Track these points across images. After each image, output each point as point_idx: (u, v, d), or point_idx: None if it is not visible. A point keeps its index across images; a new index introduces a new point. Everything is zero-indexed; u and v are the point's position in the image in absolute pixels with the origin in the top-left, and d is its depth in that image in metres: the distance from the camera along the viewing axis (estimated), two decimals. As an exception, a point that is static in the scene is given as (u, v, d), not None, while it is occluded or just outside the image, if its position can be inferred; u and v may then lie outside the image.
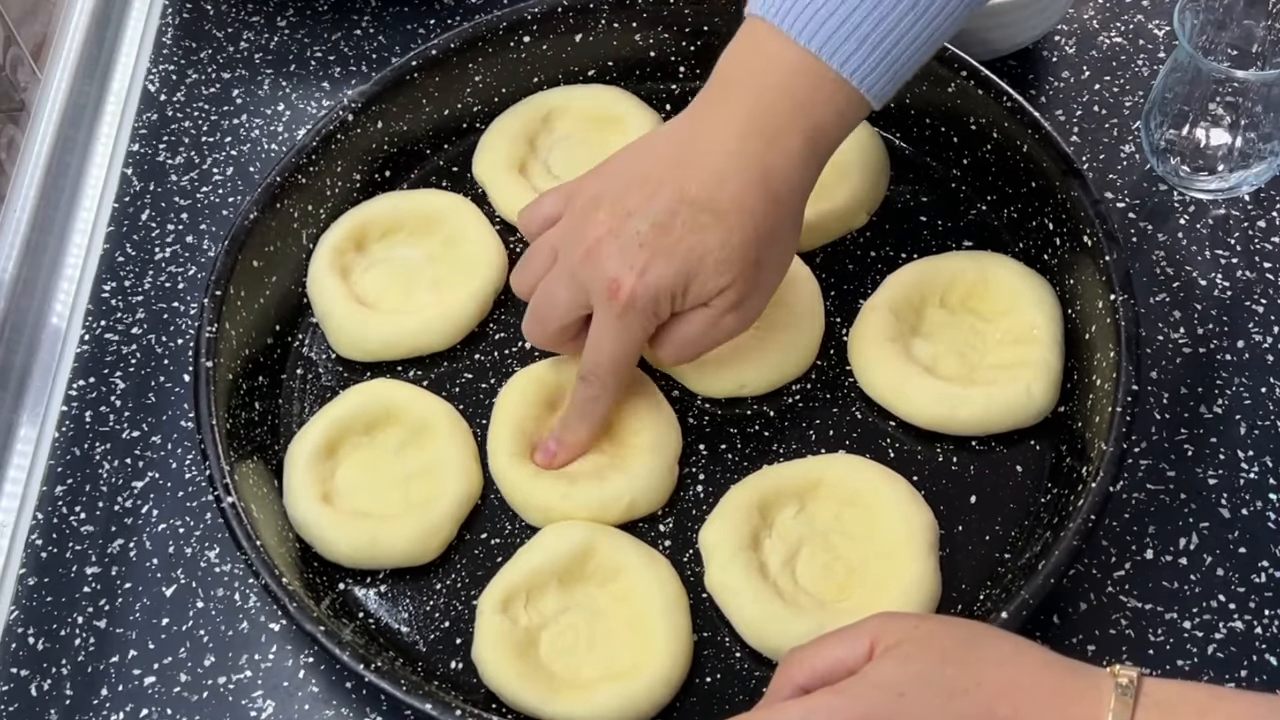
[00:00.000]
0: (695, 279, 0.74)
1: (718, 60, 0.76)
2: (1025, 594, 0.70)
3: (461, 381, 0.85)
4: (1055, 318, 0.82)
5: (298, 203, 0.88)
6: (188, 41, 1.04)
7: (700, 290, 0.74)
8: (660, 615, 0.74)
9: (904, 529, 0.76)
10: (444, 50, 0.92)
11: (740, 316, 0.76)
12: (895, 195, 0.90)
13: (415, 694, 0.70)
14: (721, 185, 0.73)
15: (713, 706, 0.74)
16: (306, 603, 0.73)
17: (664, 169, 0.74)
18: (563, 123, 0.94)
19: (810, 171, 0.75)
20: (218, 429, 0.78)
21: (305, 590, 0.75)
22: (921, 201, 0.90)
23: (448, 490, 0.79)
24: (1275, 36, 0.89)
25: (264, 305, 0.86)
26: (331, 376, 0.86)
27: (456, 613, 0.78)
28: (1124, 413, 0.74)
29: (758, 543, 0.77)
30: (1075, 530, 0.71)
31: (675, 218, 0.73)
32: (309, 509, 0.79)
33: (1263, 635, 0.76)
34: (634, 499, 0.79)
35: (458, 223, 0.89)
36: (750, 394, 0.83)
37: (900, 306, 0.84)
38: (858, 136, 0.90)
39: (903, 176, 0.91)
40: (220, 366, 0.81)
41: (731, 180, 0.73)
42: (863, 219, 0.89)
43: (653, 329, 0.76)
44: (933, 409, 0.80)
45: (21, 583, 0.82)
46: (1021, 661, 0.60)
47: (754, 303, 0.76)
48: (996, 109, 0.86)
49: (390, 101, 0.91)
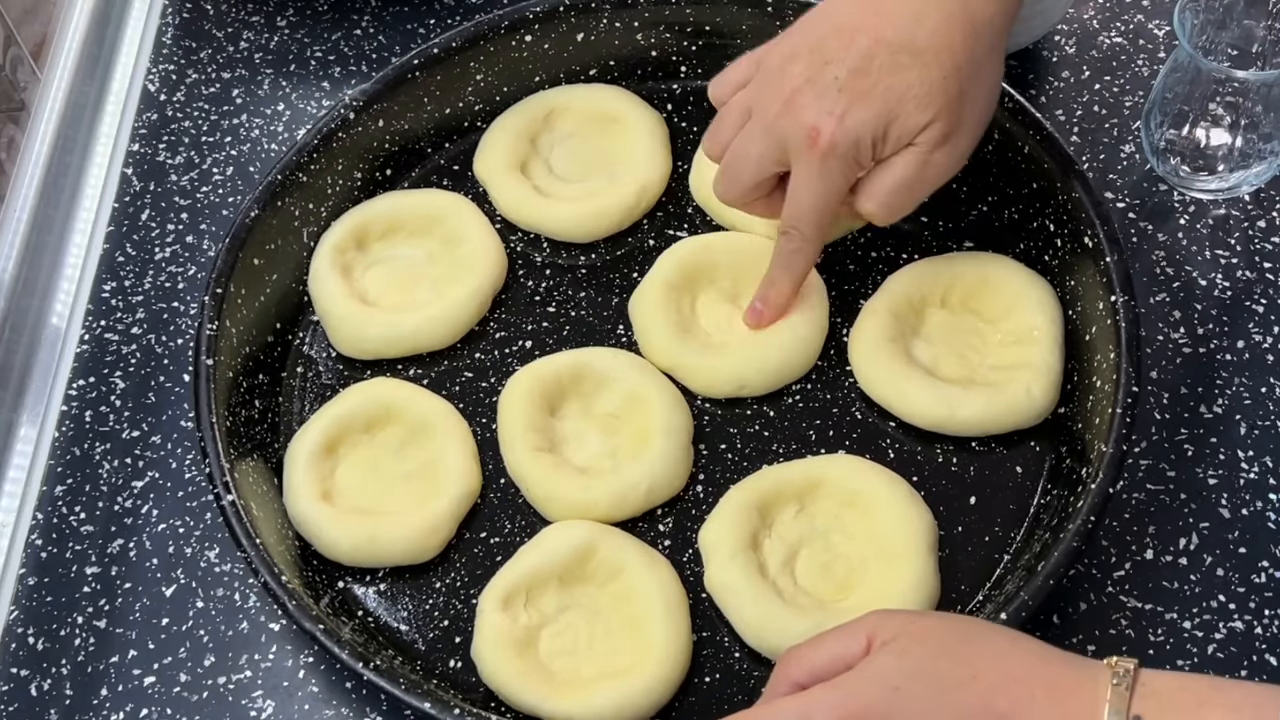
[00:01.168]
0: (896, 119, 0.73)
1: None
2: (1025, 595, 0.70)
3: (461, 380, 0.85)
4: (1056, 319, 0.82)
5: (299, 201, 0.88)
6: (188, 41, 1.04)
7: (903, 130, 0.73)
8: (660, 615, 0.74)
9: (904, 530, 0.76)
10: (445, 49, 0.92)
11: (949, 153, 0.75)
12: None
13: (414, 692, 0.70)
14: (919, 23, 0.72)
15: (712, 706, 0.74)
16: (306, 601, 0.73)
17: (859, 16, 0.74)
18: (564, 122, 0.94)
19: (1009, 4, 0.74)
20: (218, 427, 0.78)
21: (305, 589, 0.75)
22: (922, 202, 0.90)
23: (447, 489, 0.79)
24: (1275, 36, 0.89)
25: (264, 303, 0.86)
26: (332, 375, 0.86)
27: (456, 611, 0.78)
28: (1124, 414, 0.74)
29: (757, 543, 0.77)
30: (1075, 531, 0.72)
31: (873, 60, 0.72)
32: (309, 507, 0.79)
33: (1263, 635, 0.76)
34: (653, 484, 0.79)
35: (458, 222, 0.89)
36: (750, 395, 0.83)
37: (900, 307, 0.84)
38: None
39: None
40: (220, 364, 0.81)
41: (929, 17, 0.72)
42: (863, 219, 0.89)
43: (854, 177, 0.75)
44: (933, 410, 0.80)
45: (21, 583, 0.82)
46: (1018, 654, 0.60)
47: (962, 139, 0.75)
48: (998, 110, 0.86)
49: (391, 100, 0.91)
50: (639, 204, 0.90)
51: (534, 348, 0.86)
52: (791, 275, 0.81)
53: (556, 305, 0.88)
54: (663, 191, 0.91)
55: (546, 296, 0.88)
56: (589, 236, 0.90)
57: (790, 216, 0.77)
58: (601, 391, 0.83)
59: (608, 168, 0.92)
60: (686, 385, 0.83)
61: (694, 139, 0.93)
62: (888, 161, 0.75)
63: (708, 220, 0.91)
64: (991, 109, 0.77)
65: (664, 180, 0.91)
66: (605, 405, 0.83)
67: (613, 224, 0.90)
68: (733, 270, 0.86)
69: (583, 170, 0.93)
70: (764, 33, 0.91)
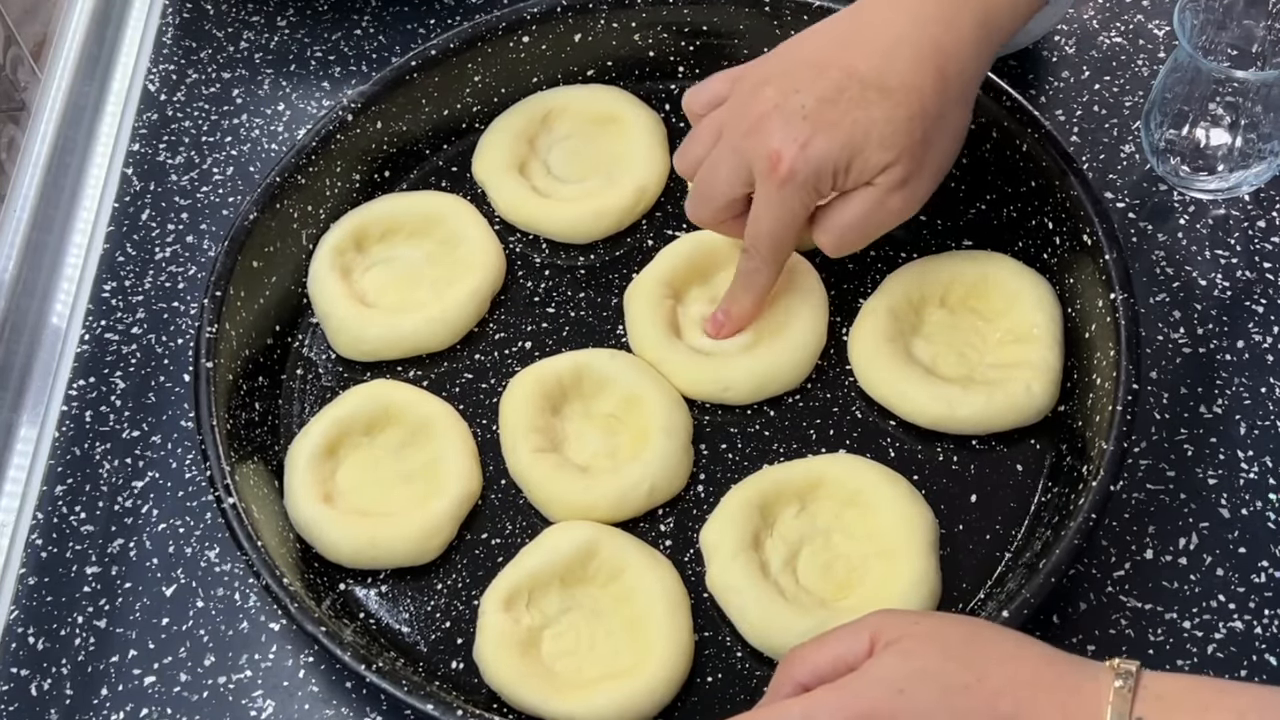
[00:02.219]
0: (859, 154, 0.73)
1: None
2: (1027, 593, 0.70)
3: (461, 382, 0.85)
4: (1055, 317, 0.82)
5: (297, 203, 0.88)
6: (188, 41, 1.04)
7: (864, 166, 0.74)
8: (661, 616, 0.74)
9: (904, 528, 0.76)
10: (443, 50, 0.92)
11: (905, 198, 0.75)
12: (895, 195, 0.90)
13: (417, 694, 0.70)
14: (890, 63, 0.73)
15: (714, 706, 0.74)
16: (308, 603, 0.73)
17: (834, 49, 0.74)
18: (562, 123, 0.94)
19: (981, 58, 0.75)
20: (218, 430, 0.78)
21: (306, 591, 0.75)
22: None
23: (448, 490, 0.79)
24: (1275, 36, 0.89)
25: (264, 306, 0.86)
26: (331, 377, 0.86)
27: (458, 613, 0.78)
28: (1124, 411, 0.74)
29: (759, 542, 0.77)
30: (1076, 529, 0.72)
31: (842, 93, 0.73)
32: (310, 509, 0.79)
33: (1263, 635, 0.76)
34: (654, 484, 0.79)
35: (457, 223, 0.89)
36: (734, 401, 0.83)
37: (900, 306, 0.84)
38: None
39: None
40: (220, 367, 0.81)
41: (901, 58, 0.73)
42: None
43: (813, 204, 0.76)
44: (933, 408, 0.80)
45: (21, 583, 0.82)
46: (1023, 656, 0.60)
47: (920, 185, 0.76)
48: (996, 108, 0.86)
49: (390, 101, 0.91)
50: (637, 204, 0.90)
51: (533, 349, 0.86)
52: (752, 293, 0.81)
53: (556, 306, 0.88)
54: (661, 192, 0.91)
55: (546, 297, 0.88)
56: (588, 237, 0.90)
57: (750, 236, 0.78)
58: (602, 392, 0.83)
59: (606, 168, 0.92)
60: (671, 383, 0.83)
61: (693, 139, 0.93)
62: (845, 196, 0.76)
63: (707, 220, 0.91)
64: (952, 160, 0.78)
65: (662, 181, 0.91)
66: (605, 406, 0.83)
67: (611, 224, 0.90)
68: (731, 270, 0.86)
69: (581, 171, 0.93)
70: (761, 33, 0.92)
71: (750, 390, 0.82)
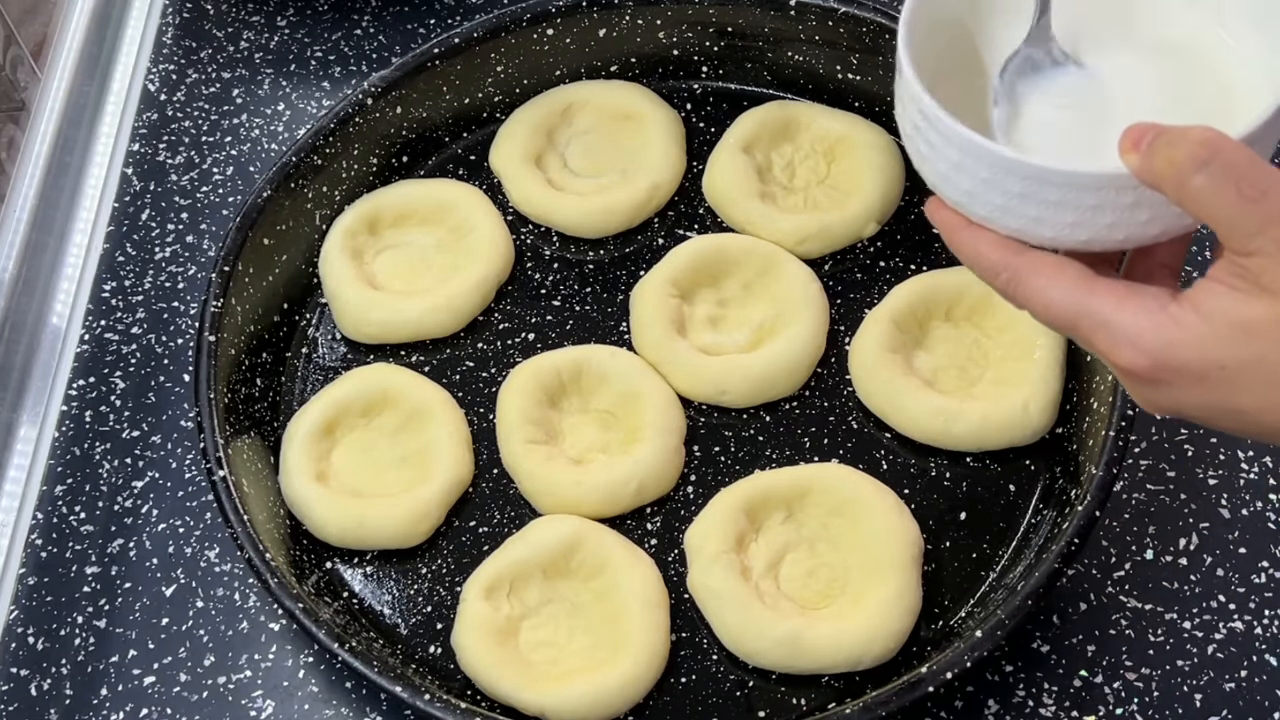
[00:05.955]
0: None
1: None
2: (1002, 614, 0.70)
3: (462, 369, 0.86)
4: (1059, 338, 0.81)
5: (313, 184, 0.89)
6: (188, 41, 1.04)
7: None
8: (639, 613, 0.74)
9: (888, 541, 0.75)
10: (467, 39, 0.92)
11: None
12: (908, 206, 0.90)
13: (387, 676, 0.70)
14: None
15: (685, 708, 0.74)
16: (288, 579, 0.74)
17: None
18: (582, 117, 0.94)
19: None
20: (215, 403, 0.79)
21: (290, 567, 0.75)
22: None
23: (438, 475, 0.80)
24: None
25: (273, 283, 0.87)
26: (335, 358, 0.87)
27: (440, 598, 0.78)
28: (1116, 437, 0.74)
29: (743, 546, 0.77)
30: (1057, 553, 0.71)
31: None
32: (303, 486, 0.79)
33: (1263, 635, 0.76)
34: (642, 483, 0.79)
35: (468, 212, 0.90)
36: (731, 404, 0.83)
37: (904, 318, 0.83)
38: (875, 143, 0.90)
39: (918, 187, 0.90)
40: (224, 341, 0.82)
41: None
42: (872, 228, 0.88)
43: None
44: (927, 422, 0.79)
45: (21, 583, 0.82)
46: None
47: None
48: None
49: (411, 87, 0.91)
50: (650, 202, 0.90)
51: (536, 340, 0.86)
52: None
53: (561, 299, 0.88)
54: (675, 191, 0.91)
55: (552, 290, 0.88)
56: (598, 232, 0.90)
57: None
58: (600, 388, 0.83)
59: (622, 164, 0.92)
60: (669, 383, 0.83)
61: (711, 139, 0.93)
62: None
63: (719, 221, 0.90)
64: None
65: (677, 179, 0.91)
66: (602, 402, 0.83)
67: (622, 221, 0.90)
68: (740, 273, 0.86)
69: (597, 166, 0.93)
70: (786, 35, 0.91)
71: (748, 394, 0.82)
